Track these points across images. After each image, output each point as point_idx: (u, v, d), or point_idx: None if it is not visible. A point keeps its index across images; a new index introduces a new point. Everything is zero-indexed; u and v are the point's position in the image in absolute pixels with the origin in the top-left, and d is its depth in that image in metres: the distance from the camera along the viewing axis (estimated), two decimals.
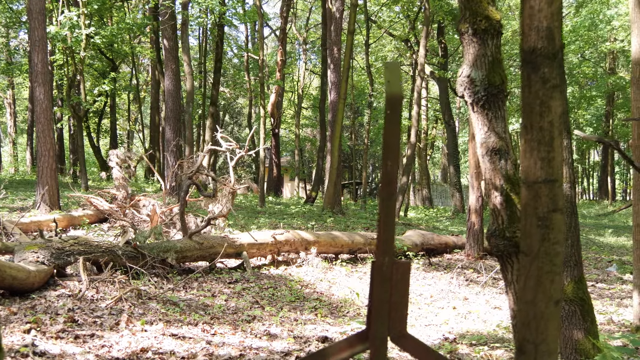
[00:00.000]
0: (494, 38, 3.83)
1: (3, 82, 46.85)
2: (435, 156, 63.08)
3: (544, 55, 2.34)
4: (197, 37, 44.37)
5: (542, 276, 2.42)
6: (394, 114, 2.26)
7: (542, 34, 2.35)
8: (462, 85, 3.89)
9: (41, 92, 16.13)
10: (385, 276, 2.25)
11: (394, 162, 2.23)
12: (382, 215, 2.23)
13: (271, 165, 39.14)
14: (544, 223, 2.40)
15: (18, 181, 27.98)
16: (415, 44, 34.84)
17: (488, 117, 3.84)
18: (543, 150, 2.36)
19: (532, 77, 2.37)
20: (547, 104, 2.34)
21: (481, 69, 3.82)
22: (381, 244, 2.23)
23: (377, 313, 2.24)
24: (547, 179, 2.37)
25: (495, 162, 3.86)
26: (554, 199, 2.39)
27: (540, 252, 2.40)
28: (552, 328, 2.46)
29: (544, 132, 2.35)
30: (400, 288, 2.28)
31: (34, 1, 16.17)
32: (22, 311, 6.60)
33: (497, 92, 3.81)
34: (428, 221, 26.36)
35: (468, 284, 11.58)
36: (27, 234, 12.05)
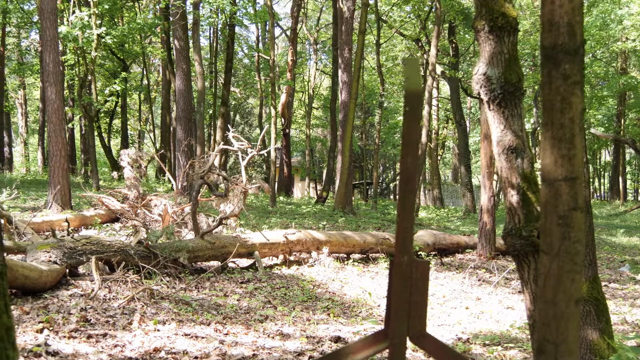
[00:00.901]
0: (511, 35, 3.80)
1: (15, 83, 46.99)
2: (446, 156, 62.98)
3: (565, 51, 2.31)
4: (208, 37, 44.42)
5: (562, 275, 2.39)
6: (414, 110, 2.23)
7: (563, 30, 2.32)
8: (478, 83, 3.86)
9: (53, 92, 16.16)
10: (404, 275, 2.22)
11: (413, 159, 2.20)
12: (400, 212, 2.21)
13: (282, 165, 39.14)
14: (564, 221, 2.36)
15: (30, 181, 28.07)
16: (426, 44, 34.82)
17: (504, 115, 3.81)
18: (564, 147, 2.33)
19: (553, 74, 2.33)
20: (568, 100, 2.31)
21: (497, 67, 3.78)
22: (400, 242, 2.21)
23: (396, 312, 2.22)
24: (568, 176, 2.34)
25: (511, 160, 3.82)
26: (574, 197, 2.35)
27: (561, 250, 2.37)
28: (572, 328, 2.42)
29: (564, 129, 2.32)
30: (420, 287, 2.25)
31: (46, 1, 16.20)
32: (35, 311, 6.60)
33: (514, 90, 3.77)
34: (439, 221, 26.31)
35: (480, 284, 11.53)
36: (39, 233, 12.07)
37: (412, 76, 2.25)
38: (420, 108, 2.25)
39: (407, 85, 2.23)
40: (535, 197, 3.77)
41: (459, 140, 35.10)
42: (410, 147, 2.20)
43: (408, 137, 2.22)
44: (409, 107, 2.23)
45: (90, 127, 27.10)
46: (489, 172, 14.12)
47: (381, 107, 34.26)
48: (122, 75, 28.45)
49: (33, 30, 37.25)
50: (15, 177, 28.42)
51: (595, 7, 34.94)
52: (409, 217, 2.21)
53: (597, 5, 35.00)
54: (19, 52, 40.44)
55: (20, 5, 32.58)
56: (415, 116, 2.23)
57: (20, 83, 46.44)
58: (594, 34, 34.88)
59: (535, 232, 3.71)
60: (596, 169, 62.03)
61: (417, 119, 2.22)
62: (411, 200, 2.21)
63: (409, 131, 2.23)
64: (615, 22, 33.91)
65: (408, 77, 2.25)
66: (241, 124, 58.78)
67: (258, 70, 36.57)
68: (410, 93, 2.24)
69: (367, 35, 35.16)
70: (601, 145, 52.30)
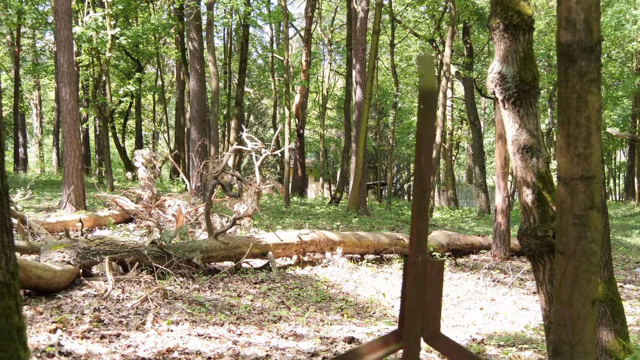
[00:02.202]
0: (526, 33, 3.77)
1: (29, 83, 47.21)
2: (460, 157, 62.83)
3: (582, 48, 2.29)
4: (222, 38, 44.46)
5: (578, 275, 2.36)
6: (429, 108, 2.21)
7: (580, 27, 2.29)
8: (492, 82, 3.83)
9: (67, 92, 16.20)
10: (419, 275, 2.20)
11: (427, 158, 2.18)
12: (415, 212, 2.19)
13: (296, 166, 39.13)
14: (580, 221, 2.34)
15: (44, 181, 28.17)
16: (440, 44, 34.73)
17: (519, 114, 3.78)
18: (580, 146, 2.30)
19: (569, 71, 2.31)
20: (584, 98, 2.28)
21: (512, 65, 3.76)
22: (414, 242, 2.19)
23: (410, 312, 2.20)
24: (584, 175, 2.31)
25: (526, 160, 3.80)
26: (590, 196, 2.33)
27: (577, 250, 2.35)
28: (588, 329, 2.40)
29: (580, 128, 2.29)
30: (434, 287, 2.23)
31: (60, 2, 16.25)
32: (48, 311, 6.61)
33: (529, 89, 3.75)
34: (453, 222, 26.24)
35: (495, 285, 11.48)
36: (53, 234, 12.09)
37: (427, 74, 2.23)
38: (435, 106, 2.23)
39: (423, 83, 2.21)
40: (550, 197, 3.75)
41: (473, 140, 35.00)
42: (424, 146, 2.18)
43: (423, 135, 2.20)
44: (424, 105, 2.21)
45: (104, 128, 27.18)
46: (504, 173, 14.07)
47: (395, 107, 34.22)
48: (136, 76, 28.52)
49: (48, 31, 37.40)
50: (29, 177, 28.53)
51: (610, 7, 34.75)
52: (423, 216, 2.19)
53: (612, 5, 34.81)
54: (33, 52, 40.59)
55: (35, 6, 32.70)
56: (431, 114, 2.21)
57: (35, 84, 46.65)
58: (609, 34, 34.71)
59: (551, 232, 3.68)
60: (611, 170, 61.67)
61: (432, 117, 2.20)
62: (425, 199, 2.19)
63: (424, 130, 2.21)
64: (630, 22, 33.73)
65: (423, 74, 2.23)
66: (255, 124, 58.83)
67: (272, 70, 36.55)
68: (425, 91, 2.22)
69: (381, 35, 35.13)
70: (616, 145, 52.00)
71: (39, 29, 36.96)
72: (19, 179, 26.10)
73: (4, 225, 2.38)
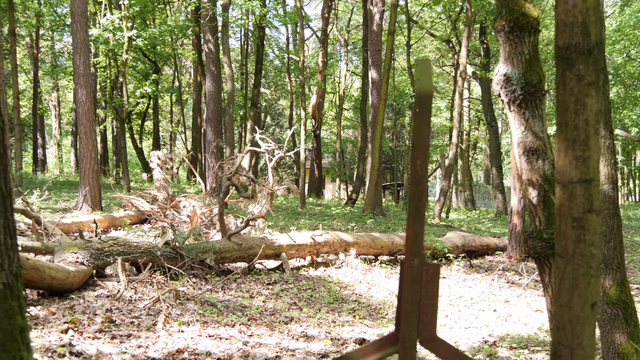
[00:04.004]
0: (531, 35, 3.76)
1: (48, 85, 47.48)
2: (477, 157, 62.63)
3: (579, 51, 2.29)
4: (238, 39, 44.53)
5: (577, 278, 2.36)
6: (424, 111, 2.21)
7: (577, 30, 2.29)
8: (498, 84, 3.83)
9: (83, 94, 16.31)
10: (415, 278, 2.20)
11: (423, 162, 2.18)
12: (411, 215, 2.19)
13: (312, 167, 39.12)
14: (579, 224, 2.34)
15: (62, 182, 28.32)
16: (456, 45, 34.65)
17: (525, 117, 3.77)
18: (578, 149, 2.30)
19: (566, 74, 2.31)
20: (582, 101, 2.28)
21: (518, 67, 3.75)
22: (411, 245, 2.19)
23: (406, 315, 2.20)
24: (583, 178, 2.31)
25: (532, 162, 3.80)
26: (589, 199, 2.33)
27: (576, 253, 2.35)
28: (588, 332, 2.39)
29: (579, 131, 2.30)
30: (430, 290, 2.23)
31: (77, 4, 16.36)
32: (61, 311, 6.65)
33: (535, 91, 3.74)
34: (470, 223, 26.16)
35: (509, 286, 11.44)
36: (68, 234, 12.16)
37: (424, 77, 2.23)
38: (430, 110, 2.24)
39: (419, 86, 2.22)
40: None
41: (491, 141, 34.85)
42: (420, 150, 2.19)
43: (418, 139, 2.21)
44: (420, 108, 2.22)
45: (121, 129, 27.31)
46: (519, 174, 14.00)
47: (411, 108, 34.13)
48: (152, 77, 28.64)
49: (66, 33, 37.63)
50: (47, 178, 28.69)
51: (629, 6, 34.52)
52: (419, 219, 2.19)
53: (631, 5, 34.58)
54: (52, 54, 40.83)
55: (53, 9, 32.91)
56: (426, 118, 2.22)
57: (54, 85, 46.91)
58: (627, 33, 34.47)
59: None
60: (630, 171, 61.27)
61: (427, 120, 2.21)
62: (422, 202, 2.20)
63: (419, 133, 2.21)
64: None
65: (420, 78, 2.23)
66: (272, 125, 58.87)
67: (288, 71, 36.56)
68: (421, 94, 2.22)
69: (397, 36, 35.08)
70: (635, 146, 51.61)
71: (57, 31, 37.17)
72: (36, 180, 26.26)
73: (7, 227, 2.40)
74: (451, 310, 9.41)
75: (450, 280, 11.92)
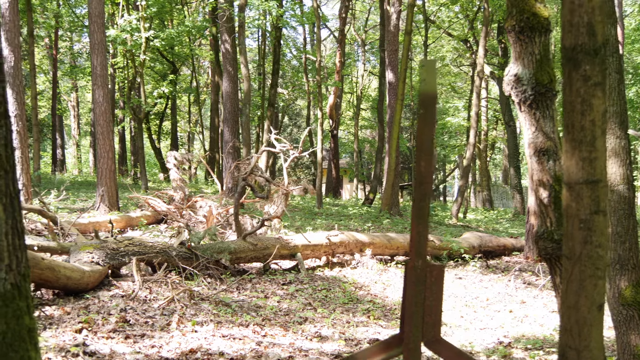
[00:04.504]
0: (542, 36, 3.74)
1: (67, 85, 47.72)
2: (496, 157, 62.37)
3: (585, 51, 2.27)
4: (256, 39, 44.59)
5: (584, 280, 2.35)
6: (429, 113, 2.21)
7: (583, 30, 2.28)
8: (508, 84, 3.81)
9: (100, 94, 16.38)
10: (419, 279, 2.20)
11: (427, 163, 2.18)
12: (415, 216, 2.19)
13: (330, 167, 39.10)
14: (586, 225, 2.33)
15: (80, 182, 28.47)
16: (474, 44, 34.52)
17: (536, 117, 3.76)
18: (585, 150, 2.29)
19: (573, 75, 2.30)
20: (588, 102, 2.27)
21: (528, 68, 3.74)
22: (414, 246, 2.19)
23: (410, 317, 2.20)
24: (589, 179, 2.30)
25: (543, 162, 3.78)
26: (596, 201, 2.31)
27: (583, 255, 2.34)
28: (595, 334, 2.38)
29: (585, 132, 2.28)
30: (434, 291, 2.23)
31: (94, 5, 16.43)
32: (76, 311, 6.69)
33: (545, 91, 3.72)
34: (487, 223, 26.05)
35: (526, 287, 11.40)
36: (85, 234, 12.21)
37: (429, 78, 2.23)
38: (435, 111, 2.23)
39: (423, 87, 2.21)
40: None
41: (508, 141, 34.69)
42: (424, 151, 2.18)
43: (422, 140, 2.21)
44: (424, 109, 2.22)
45: (139, 129, 27.41)
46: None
47: None
48: (169, 78, 28.73)
49: (84, 34, 37.81)
50: (65, 178, 28.83)
51: None
52: (423, 221, 2.19)
53: None
54: (71, 55, 41.06)
55: (71, 9, 33.09)
56: (430, 119, 2.21)
57: (73, 86, 47.13)
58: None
59: None
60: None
61: (431, 122, 2.20)
62: (426, 203, 2.19)
63: (423, 134, 2.21)
64: None
65: (425, 79, 2.23)
66: (289, 125, 58.86)
67: (305, 71, 36.50)
68: (425, 95, 2.22)
69: (414, 35, 35.00)
70: None
71: (76, 32, 37.36)
72: (54, 180, 26.41)
73: (15, 227, 2.42)
74: (467, 311, 9.39)
75: (466, 280, 11.88)
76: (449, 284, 11.35)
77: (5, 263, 2.34)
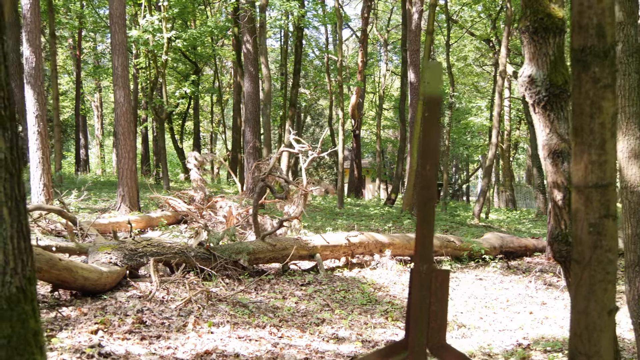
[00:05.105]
0: (556, 36, 3.70)
1: (90, 86, 47.99)
2: (520, 157, 62.02)
3: (595, 53, 2.24)
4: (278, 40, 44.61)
5: (594, 285, 2.32)
6: (433, 115, 2.19)
7: (592, 32, 2.25)
8: (522, 86, 3.78)
9: (121, 94, 16.46)
10: (424, 284, 2.17)
11: (432, 166, 2.15)
12: (420, 220, 2.17)
13: (352, 167, 39.07)
14: (595, 229, 2.30)
15: (103, 182, 28.60)
16: (496, 44, 34.34)
17: (550, 119, 3.72)
18: (594, 153, 2.26)
19: (582, 77, 2.27)
20: (597, 104, 2.24)
21: (542, 69, 3.70)
22: (419, 251, 2.16)
23: (415, 322, 2.18)
24: (599, 183, 2.27)
25: (557, 164, 3.73)
26: (606, 205, 2.28)
27: (592, 259, 2.31)
28: (605, 339, 2.35)
29: (594, 134, 2.25)
30: (440, 296, 2.21)
31: (115, 5, 16.50)
32: (92, 312, 6.71)
33: (560, 93, 3.68)
34: (510, 223, 25.92)
35: (547, 288, 11.31)
36: (105, 235, 12.25)
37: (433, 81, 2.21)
38: (439, 113, 2.21)
39: (427, 90, 2.19)
40: None
41: (532, 141, 34.47)
42: (429, 154, 2.16)
43: (427, 143, 2.18)
44: (428, 112, 2.19)
45: (161, 129, 27.53)
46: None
47: (451, 107, 33.94)
48: (191, 78, 28.81)
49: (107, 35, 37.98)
50: (87, 178, 28.98)
51: None
52: (428, 224, 2.17)
53: None
54: (94, 55, 41.29)
55: (95, 10, 33.28)
56: (435, 122, 2.19)
57: (96, 86, 47.38)
58: None
59: None
60: None
61: (436, 124, 2.18)
62: (430, 207, 2.17)
63: (428, 137, 2.18)
64: None
65: (428, 81, 2.21)
66: (312, 125, 58.87)
67: (327, 71, 36.48)
68: (429, 98, 2.19)
69: (437, 35, 34.87)
70: None
71: (100, 32, 37.56)
72: (76, 180, 26.57)
73: (20, 231, 2.42)
74: (486, 312, 9.33)
75: (486, 281, 11.81)
76: (469, 284, 11.30)
77: (11, 266, 2.34)
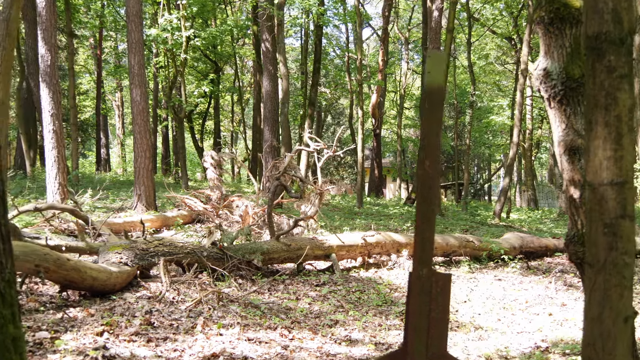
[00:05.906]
0: (573, 27, 3.53)
1: (111, 85, 48.14)
2: (542, 157, 61.58)
3: (610, 40, 2.07)
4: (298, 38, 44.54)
5: (609, 289, 2.15)
6: (435, 108, 2.03)
7: (607, 17, 2.07)
8: (537, 79, 3.61)
9: (138, 93, 16.42)
10: (423, 289, 2.02)
11: (433, 162, 1.99)
12: (419, 221, 2.01)
13: (372, 166, 38.93)
14: (611, 230, 2.12)
15: (122, 181, 28.62)
16: (518, 42, 34.07)
17: (566, 114, 3.55)
18: (609, 148, 2.09)
19: (596, 66, 2.10)
20: (613, 95, 2.07)
21: (558, 61, 3.53)
22: (418, 253, 2.01)
23: (414, 330, 2.02)
24: (615, 180, 2.09)
25: (574, 161, 3.56)
26: (622, 204, 2.11)
27: (607, 262, 2.13)
28: (620, 348, 2.17)
29: (610, 128, 2.08)
30: (441, 302, 2.05)
31: (131, 4, 16.47)
32: (99, 313, 6.60)
33: (577, 86, 3.51)
34: (531, 223, 25.64)
35: (567, 289, 11.10)
36: (119, 234, 12.19)
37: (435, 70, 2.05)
38: (442, 106, 2.04)
39: (429, 80, 2.03)
40: None
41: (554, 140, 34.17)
42: (429, 149, 2.00)
43: (427, 138, 2.02)
44: (430, 104, 2.03)
45: (180, 129, 27.52)
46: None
47: (472, 106, 33.69)
48: (210, 77, 28.77)
49: None
50: (105, 177, 29.03)
51: None
52: (429, 225, 2.01)
53: None
54: (115, 55, 41.41)
55: (115, 9, 33.33)
56: (436, 115, 2.03)
57: (117, 85, 47.53)
58: None
59: None
60: None
61: (437, 117, 2.02)
62: (431, 206, 2.01)
63: (429, 130, 2.03)
64: None
65: (430, 71, 2.05)
66: (332, 124, 58.82)
67: (348, 70, 36.33)
68: (431, 88, 2.04)
69: (458, 33, 34.64)
70: None
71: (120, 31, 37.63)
72: (94, 179, 26.62)
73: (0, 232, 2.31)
74: (504, 313, 9.15)
75: (505, 282, 11.62)
76: (487, 285, 11.12)
77: None
